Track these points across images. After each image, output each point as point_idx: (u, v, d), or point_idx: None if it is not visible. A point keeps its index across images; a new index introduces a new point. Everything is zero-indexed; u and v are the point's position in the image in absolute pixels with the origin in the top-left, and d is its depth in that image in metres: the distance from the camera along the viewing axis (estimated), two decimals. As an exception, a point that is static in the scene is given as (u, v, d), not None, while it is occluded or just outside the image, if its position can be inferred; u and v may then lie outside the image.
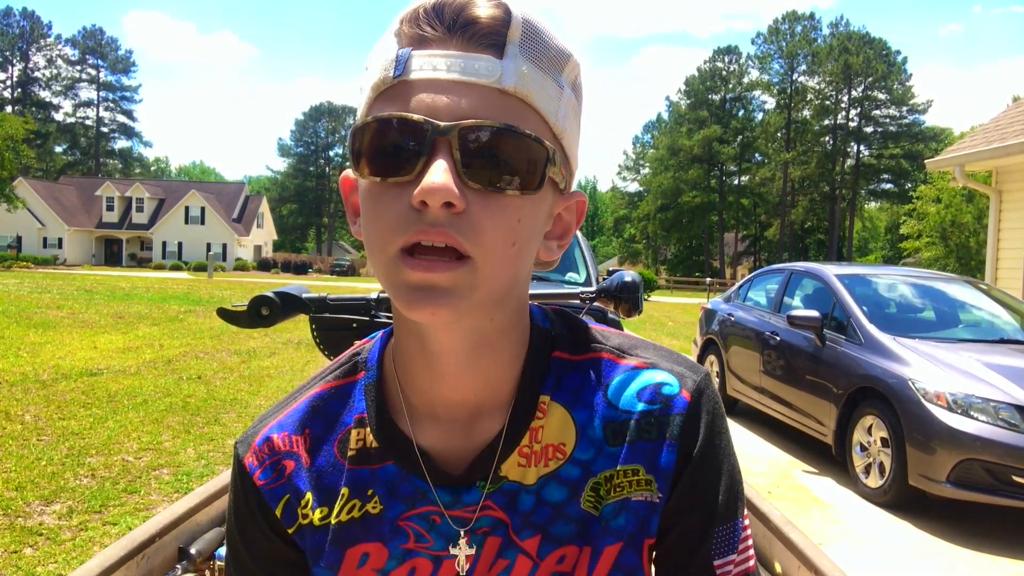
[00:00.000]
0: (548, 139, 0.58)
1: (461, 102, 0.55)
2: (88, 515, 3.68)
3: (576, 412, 0.66)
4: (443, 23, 0.56)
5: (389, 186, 0.56)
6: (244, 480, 0.70)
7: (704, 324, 8.03)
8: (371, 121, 0.56)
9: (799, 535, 1.33)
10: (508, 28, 0.56)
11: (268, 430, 0.70)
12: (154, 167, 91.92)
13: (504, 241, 0.56)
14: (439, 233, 0.54)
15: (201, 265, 44.38)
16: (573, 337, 0.70)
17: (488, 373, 0.64)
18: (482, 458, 0.65)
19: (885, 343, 5.03)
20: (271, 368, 8.45)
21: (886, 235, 74.18)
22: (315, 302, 1.77)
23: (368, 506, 0.67)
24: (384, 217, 0.56)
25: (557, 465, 0.65)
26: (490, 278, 0.56)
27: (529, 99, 0.57)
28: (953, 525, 4.37)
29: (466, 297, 0.56)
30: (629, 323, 15.52)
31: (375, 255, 0.58)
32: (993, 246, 9.32)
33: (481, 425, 0.66)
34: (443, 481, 0.65)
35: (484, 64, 0.55)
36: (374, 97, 0.58)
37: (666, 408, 0.65)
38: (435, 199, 0.53)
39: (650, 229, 62.29)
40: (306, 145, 74.85)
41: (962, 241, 28.58)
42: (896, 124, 57.46)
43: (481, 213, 0.55)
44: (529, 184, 0.57)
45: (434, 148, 0.54)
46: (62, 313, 13.24)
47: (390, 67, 0.57)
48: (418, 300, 0.55)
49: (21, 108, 66.06)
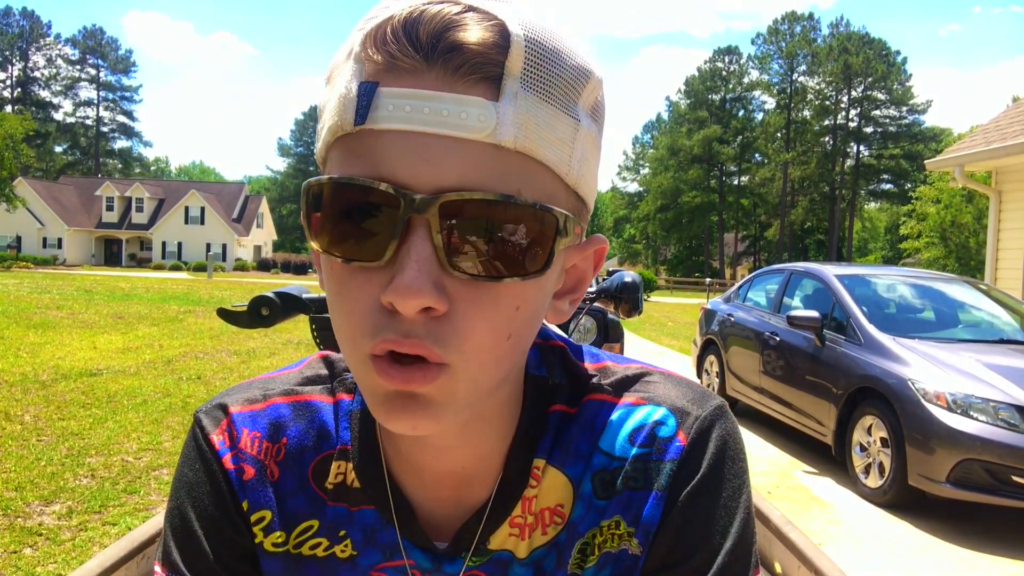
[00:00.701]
0: (560, 199, 0.47)
1: (444, 164, 0.42)
2: (88, 515, 3.68)
3: (570, 470, 0.58)
4: (419, 48, 0.42)
5: (354, 270, 0.45)
6: (210, 456, 0.59)
7: (704, 324, 8.03)
8: (327, 182, 0.45)
9: (799, 535, 1.33)
10: (506, 55, 0.43)
11: (236, 417, 0.60)
12: (154, 167, 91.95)
13: (495, 339, 0.46)
14: (411, 345, 0.44)
15: (201, 265, 44.39)
16: (573, 386, 0.60)
17: (479, 446, 0.56)
18: (469, 527, 0.57)
19: (885, 343, 5.03)
20: (271, 368, 8.36)
21: (886, 235, 74.23)
22: (315, 302, 1.78)
23: (336, 548, 0.59)
24: (351, 309, 0.46)
25: (556, 532, 0.58)
26: (477, 381, 0.47)
27: (534, 153, 0.44)
28: (953, 525, 4.37)
29: (449, 406, 0.46)
30: (629, 323, 15.52)
31: (344, 347, 0.48)
32: (993, 246, 9.32)
33: (470, 491, 0.58)
34: (425, 545, 0.58)
35: (474, 111, 0.42)
36: (332, 141, 0.46)
37: (658, 453, 0.56)
38: (408, 306, 0.42)
39: (650, 229, 62.33)
40: (306, 145, 74.89)
41: (962, 241, 28.61)
42: (896, 124, 57.49)
43: (468, 311, 0.44)
44: (532, 266, 0.45)
45: (408, 229, 0.43)
46: (62, 313, 13.24)
47: (349, 108, 0.44)
48: (395, 411, 0.46)
49: (21, 108, 66.06)
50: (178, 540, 0.59)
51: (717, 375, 7.49)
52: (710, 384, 7.71)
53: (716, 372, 7.53)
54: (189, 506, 0.59)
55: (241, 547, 0.59)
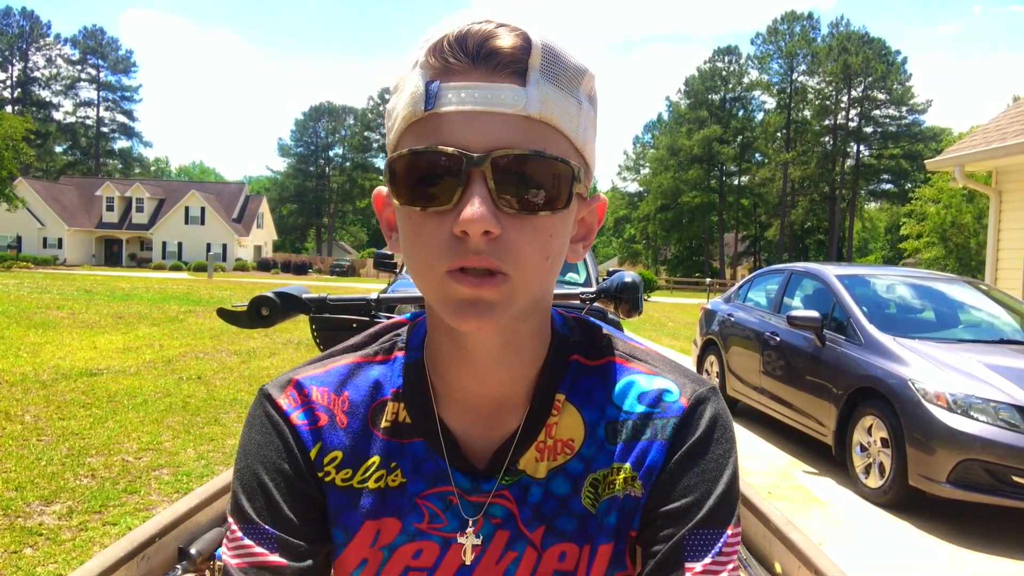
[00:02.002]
0: (573, 156, 0.62)
1: (490, 132, 0.58)
2: (88, 515, 3.68)
3: (586, 412, 0.70)
4: (467, 54, 0.59)
5: (429, 215, 0.60)
6: (278, 418, 0.71)
7: (704, 324, 8.03)
8: (407, 153, 0.60)
9: (799, 535, 1.33)
10: (529, 55, 0.59)
11: (304, 380, 0.73)
12: (154, 167, 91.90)
13: (539, 257, 0.61)
14: (480, 259, 0.58)
15: (201, 265, 44.39)
16: (590, 343, 0.74)
17: (512, 370, 0.69)
18: (502, 451, 0.70)
19: (885, 343, 5.03)
20: (271, 368, 8.45)
21: (886, 235, 74.19)
22: (315, 302, 1.78)
23: (389, 478, 0.70)
24: (428, 245, 0.60)
25: (565, 460, 0.70)
26: (526, 291, 0.61)
27: (553, 122, 0.60)
28: (953, 525, 4.37)
29: (507, 309, 0.61)
30: (629, 323, 15.53)
31: (421, 275, 0.62)
32: (993, 246, 9.32)
33: (502, 419, 0.70)
34: (465, 468, 0.70)
35: (509, 93, 0.58)
36: (405, 128, 0.61)
37: (663, 412, 0.69)
38: (475, 229, 0.57)
39: (650, 229, 62.30)
40: (306, 145, 74.83)
41: (962, 242, 28.60)
42: (896, 124, 57.48)
43: (516, 235, 0.59)
44: (558, 203, 0.61)
45: (469, 179, 0.58)
46: (62, 313, 13.24)
47: (420, 100, 0.59)
48: (466, 314, 0.60)
49: (21, 108, 66.05)
50: (248, 494, 0.69)
51: (717, 375, 7.49)
52: (710, 384, 7.71)
53: (716, 372, 7.53)
54: (259, 463, 0.70)
55: (307, 495, 0.70)
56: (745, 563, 1.45)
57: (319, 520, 0.70)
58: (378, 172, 73.20)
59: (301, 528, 0.68)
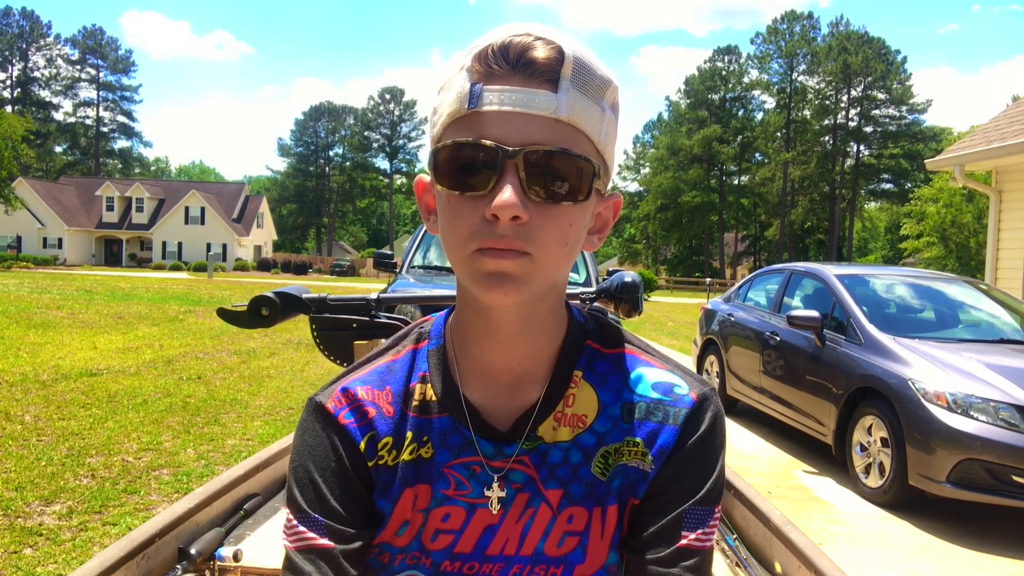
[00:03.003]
0: (594, 156, 0.70)
1: (524, 130, 0.66)
2: (88, 515, 3.68)
3: (601, 392, 0.79)
4: (508, 62, 0.67)
5: (466, 199, 0.67)
6: (327, 421, 0.79)
7: (704, 324, 8.03)
8: (451, 144, 0.68)
9: (799, 535, 1.33)
10: (562, 66, 0.67)
11: (349, 383, 0.81)
12: (154, 167, 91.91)
13: (558, 243, 0.68)
14: (506, 242, 0.66)
15: (201, 265, 44.39)
16: (604, 333, 0.83)
17: (533, 344, 0.77)
18: (522, 419, 0.77)
19: (885, 343, 5.03)
20: (271, 368, 8.45)
21: (886, 235, 74.21)
22: (315, 302, 1.77)
23: (422, 450, 0.78)
24: (462, 225, 0.68)
25: (578, 432, 0.77)
26: (546, 270, 0.69)
27: (579, 125, 0.68)
28: (953, 525, 4.37)
29: (528, 283, 0.68)
30: (629, 323, 15.52)
31: (453, 251, 0.70)
32: (993, 246, 9.32)
33: (523, 390, 0.78)
34: (487, 435, 0.77)
35: (543, 98, 0.66)
36: (449, 123, 0.69)
37: (674, 401, 0.78)
38: (505, 214, 0.65)
39: (650, 229, 62.26)
40: (306, 145, 74.79)
41: (962, 241, 28.60)
42: (896, 124, 57.44)
43: (540, 221, 0.67)
44: (579, 196, 0.68)
45: (504, 169, 0.65)
46: (62, 313, 13.24)
47: (464, 99, 0.67)
48: (491, 285, 0.67)
49: (21, 108, 66.03)
50: (302, 489, 0.78)
51: (717, 375, 7.49)
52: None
53: (716, 372, 7.53)
54: (311, 461, 0.78)
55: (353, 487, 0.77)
56: (745, 563, 1.45)
57: (365, 509, 0.78)
58: (378, 171, 73.39)
59: (347, 516, 0.77)
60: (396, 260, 7.03)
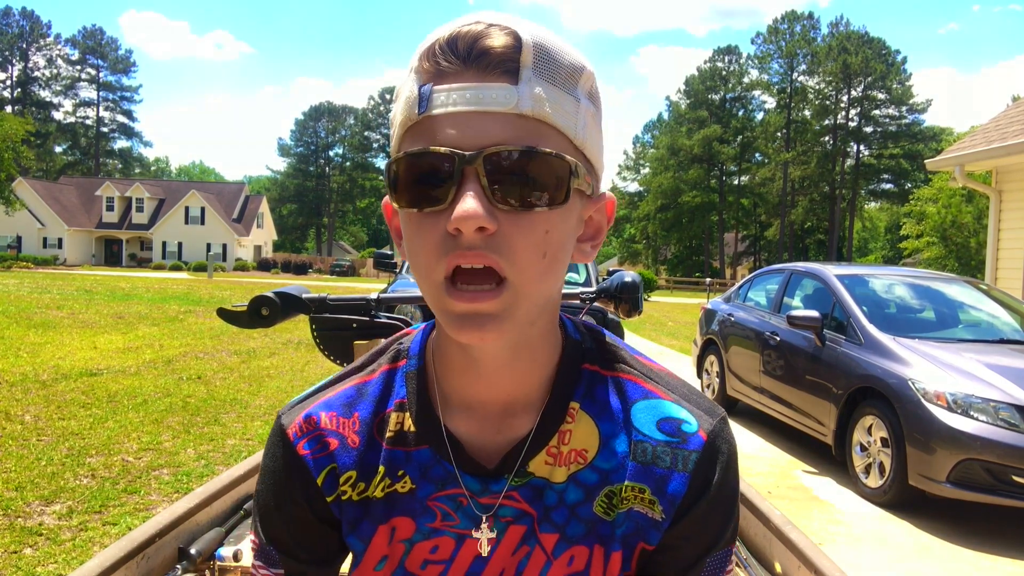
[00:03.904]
0: (570, 153, 0.61)
1: (483, 130, 0.58)
2: (88, 515, 3.68)
3: (601, 424, 0.71)
4: (458, 56, 0.59)
5: (426, 215, 0.60)
6: (287, 449, 0.74)
7: (704, 324, 8.03)
8: (401, 156, 0.60)
9: (799, 535, 1.33)
10: (520, 53, 0.59)
11: (314, 408, 0.75)
12: (154, 167, 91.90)
13: (535, 254, 0.60)
14: (476, 256, 0.58)
15: (201, 265, 44.38)
16: (602, 353, 0.74)
17: (523, 374, 0.69)
18: (512, 453, 0.70)
19: (885, 343, 5.03)
20: (271, 368, 8.44)
21: (886, 235, 74.20)
22: (315, 302, 1.77)
23: (397, 485, 0.72)
24: (425, 245, 0.60)
25: (578, 468, 0.70)
26: (529, 294, 0.61)
27: (547, 119, 0.59)
28: (953, 525, 4.37)
29: (509, 319, 0.60)
30: (629, 323, 15.52)
31: (422, 281, 0.63)
32: (993, 246, 9.32)
33: (513, 422, 0.70)
34: (473, 471, 0.70)
35: (500, 92, 0.58)
36: (403, 133, 0.62)
37: (683, 443, 0.70)
38: (468, 225, 0.57)
39: (650, 229, 62.26)
40: (306, 145, 74.82)
41: (962, 241, 28.60)
42: (896, 124, 57.46)
43: (512, 231, 0.59)
44: (556, 199, 0.60)
45: (463, 177, 0.58)
46: (62, 313, 13.24)
47: (414, 104, 0.60)
48: (465, 327, 0.60)
49: (21, 108, 66.04)
50: (261, 515, 0.75)
51: (717, 375, 7.49)
52: (710, 384, 7.71)
53: (716, 372, 7.53)
54: (268, 487, 0.75)
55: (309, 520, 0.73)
56: (745, 563, 1.45)
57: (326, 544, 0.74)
58: (378, 172, 73.11)
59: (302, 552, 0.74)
60: (396, 260, 7.03)
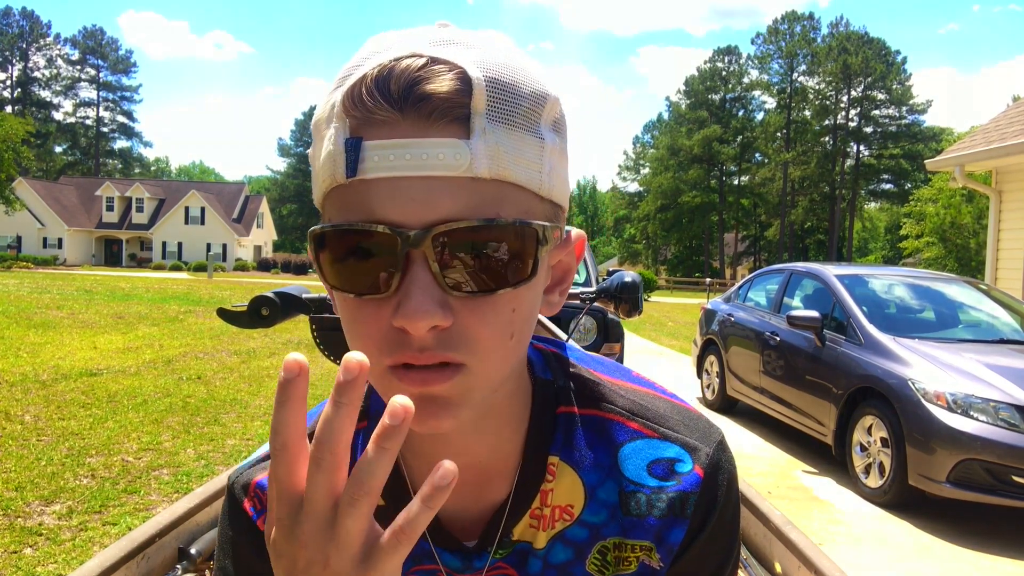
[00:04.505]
0: (536, 212, 0.52)
1: (429, 202, 0.48)
2: (88, 515, 3.68)
3: (585, 474, 0.64)
4: (392, 102, 0.47)
5: (365, 302, 0.50)
6: (244, 523, 0.67)
7: (704, 324, 8.03)
8: (331, 231, 0.50)
9: (799, 535, 1.33)
10: (471, 97, 0.48)
11: (265, 479, 0.66)
12: (154, 167, 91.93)
13: (500, 340, 0.51)
14: (428, 356, 0.49)
15: (201, 265, 44.38)
16: (577, 389, 0.66)
17: (494, 438, 0.61)
18: (493, 522, 0.64)
19: (885, 343, 5.03)
20: (271, 368, 8.44)
21: (886, 235, 74.22)
22: (315, 302, 1.77)
23: None
24: (366, 336, 0.51)
25: (564, 526, 0.64)
26: (488, 377, 0.52)
27: (508, 177, 0.49)
28: (953, 525, 4.37)
29: (465, 403, 0.52)
30: (629, 323, 15.53)
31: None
32: (993, 246, 9.32)
33: (490, 487, 0.64)
34: (453, 547, 0.64)
35: (448, 152, 0.47)
36: (327, 192, 0.52)
37: (679, 485, 0.63)
38: (418, 327, 0.47)
39: (650, 229, 62.28)
40: (306, 145, 74.38)
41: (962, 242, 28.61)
42: (896, 124, 57.46)
43: (471, 321, 0.50)
44: (521, 275, 0.51)
45: (408, 262, 0.48)
46: (62, 313, 13.24)
47: (340, 164, 0.49)
48: (418, 414, 0.50)
49: (21, 108, 66.07)
50: None
51: (717, 375, 7.49)
52: (710, 384, 7.71)
53: (716, 372, 7.53)
54: (228, 558, 0.68)
55: None
56: (745, 563, 1.45)
57: None
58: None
59: None
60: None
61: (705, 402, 7.77)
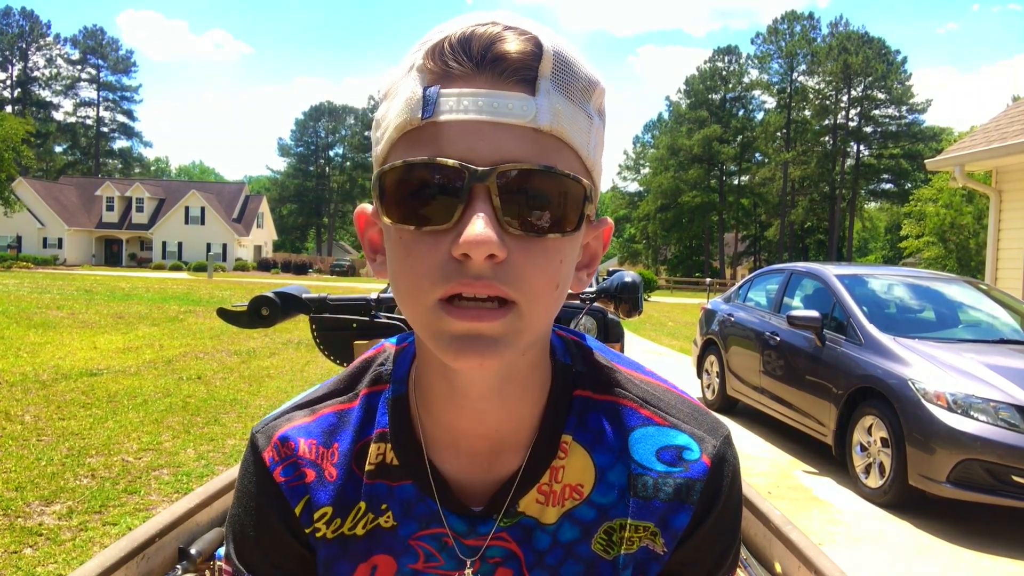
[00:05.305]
0: (583, 175, 0.56)
1: (496, 144, 0.52)
2: (88, 515, 3.68)
3: (597, 456, 0.66)
4: (471, 58, 0.53)
5: (423, 234, 0.53)
6: (262, 474, 0.68)
7: (704, 324, 8.03)
8: (401, 165, 0.54)
9: (799, 535, 1.33)
10: (539, 62, 0.53)
11: (292, 430, 0.69)
12: (154, 167, 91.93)
13: (548, 285, 0.55)
14: (483, 285, 0.52)
15: (201, 265, 44.38)
16: (594, 375, 0.69)
17: (512, 409, 0.64)
18: (501, 492, 0.65)
19: (885, 343, 5.03)
20: (271, 368, 8.44)
21: (886, 235, 74.22)
22: (315, 302, 1.78)
23: (380, 520, 0.67)
24: (419, 267, 0.54)
25: (573, 505, 0.66)
26: (535, 322, 0.56)
27: (564, 136, 0.54)
28: (953, 525, 4.37)
29: (512, 344, 0.55)
30: (629, 323, 15.53)
31: (408, 304, 0.56)
32: (993, 246, 9.32)
33: (502, 459, 0.65)
34: (460, 511, 0.66)
35: (518, 103, 0.52)
36: (398, 138, 0.55)
37: (686, 471, 0.66)
38: (479, 252, 0.51)
39: (650, 229, 62.28)
40: (306, 145, 74.82)
41: (962, 242, 28.63)
42: (896, 124, 57.48)
43: (523, 259, 0.53)
44: (568, 225, 0.55)
45: (472, 195, 0.52)
46: (62, 313, 13.23)
47: (416, 107, 0.53)
48: (464, 350, 0.54)
49: (21, 108, 66.05)
50: (236, 541, 0.70)
51: (717, 375, 7.49)
52: (710, 384, 7.71)
53: (716, 372, 7.53)
54: (244, 512, 0.69)
55: (288, 546, 0.69)
56: (745, 563, 1.45)
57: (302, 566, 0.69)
58: (378, 172, 73.09)
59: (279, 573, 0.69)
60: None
61: (705, 402, 7.77)
